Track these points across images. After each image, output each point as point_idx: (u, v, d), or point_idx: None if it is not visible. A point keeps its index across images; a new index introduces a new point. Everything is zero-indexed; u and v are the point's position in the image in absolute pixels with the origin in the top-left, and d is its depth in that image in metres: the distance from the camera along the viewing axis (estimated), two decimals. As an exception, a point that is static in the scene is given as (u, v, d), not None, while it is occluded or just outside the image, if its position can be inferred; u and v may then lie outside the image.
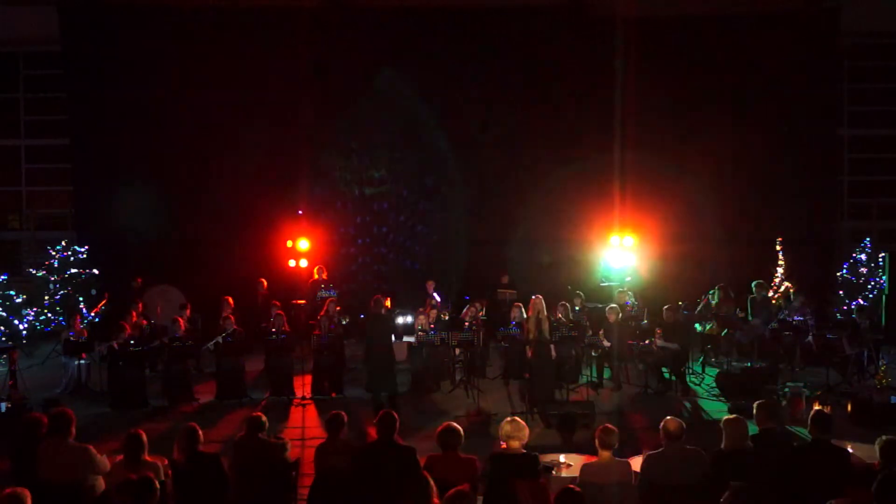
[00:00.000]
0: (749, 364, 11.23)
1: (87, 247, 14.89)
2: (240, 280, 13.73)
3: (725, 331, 11.96)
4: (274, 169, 15.34)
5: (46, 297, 14.45)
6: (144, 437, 5.69)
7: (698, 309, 12.66)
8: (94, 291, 14.64)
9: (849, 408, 9.33)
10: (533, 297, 10.26)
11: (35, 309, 14.30)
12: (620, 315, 11.44)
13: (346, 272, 15.28)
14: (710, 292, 12.81)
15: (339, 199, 15.63)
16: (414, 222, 15.73)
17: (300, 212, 13.92)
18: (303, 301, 13.08)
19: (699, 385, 11.30)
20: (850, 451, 5.92)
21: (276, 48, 15.05)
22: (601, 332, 11.21)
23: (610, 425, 5.66)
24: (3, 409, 9.12)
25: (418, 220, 15.74)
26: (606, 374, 11.39)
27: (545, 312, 10.09)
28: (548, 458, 6.30)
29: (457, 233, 15.57)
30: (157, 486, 4.75)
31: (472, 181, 15.61)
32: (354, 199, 15.66)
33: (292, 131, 15.34)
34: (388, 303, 10.93)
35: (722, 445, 5.70)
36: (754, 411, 6.14)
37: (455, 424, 5.71)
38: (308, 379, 10.95)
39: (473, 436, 8.11)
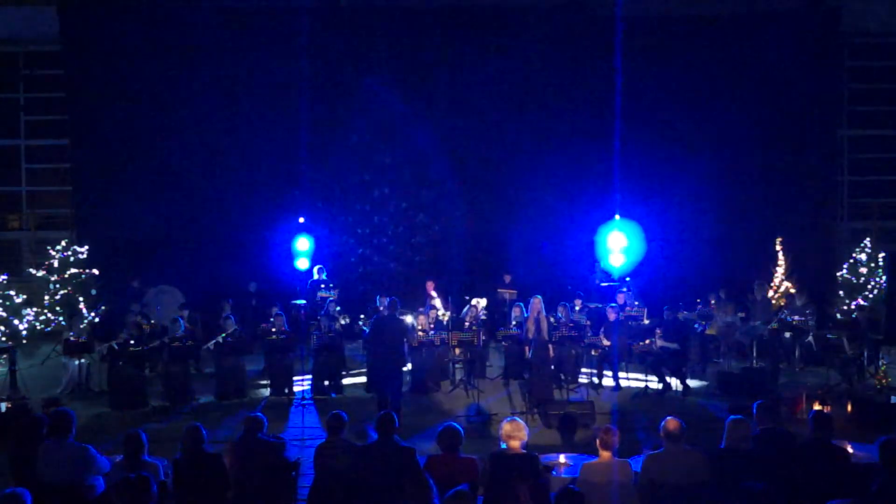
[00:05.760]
0: (749, 364, 11.23)
1: (87, 247, 14.89)
2: (240, 280, 13.72)
3: (726, 330, 11.98)
4: (274, 168, 15.34)
5: (46, 297, 14.44)
6: (144, 437, 5.69)
7: (698, 309, 12.66)
8: (94, 291, 14.64)
9: (849, 408, 9.33)
10: (533, 297, 10.29)
11: (35, 309, 14.29)
12: (621, 315, 11.45)
13: (346, 272, 15.30)
14: (711, 293, 12.83)
15: (340, 197, 15.64)
16: (414, 221, 15.72)
17: (301, 220, 13.92)
18: (303, 301, 13.07)
19: (699, 385, 11.29)
20: (850, 451, 5.92)
21: (277, 47, 15.04)
22: (601, 331, 11.21)
23: (610, 426, 5.67)
24: (3, 409, 9.11)
25: (418, 219, 15.73)
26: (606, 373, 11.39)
27: (544, 313, 10.11)
28: (548, 458, 6.30)
29: (457, 233, 15.58)
30: (156, 485, 4.75)
31: (473, 181, 15.62)
32: (355, 199, 15.66)
33: (293, 131, 15.34)
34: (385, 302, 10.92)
35: (722, 445, 5.71)
36: (754, 411, 6.13)
37: (455, 425, 5.71)
38: (308, 379, 10.95)
39: (473, 436, 8.14)
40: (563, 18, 15.23)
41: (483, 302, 12.21)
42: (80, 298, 14.35)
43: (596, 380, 11.29)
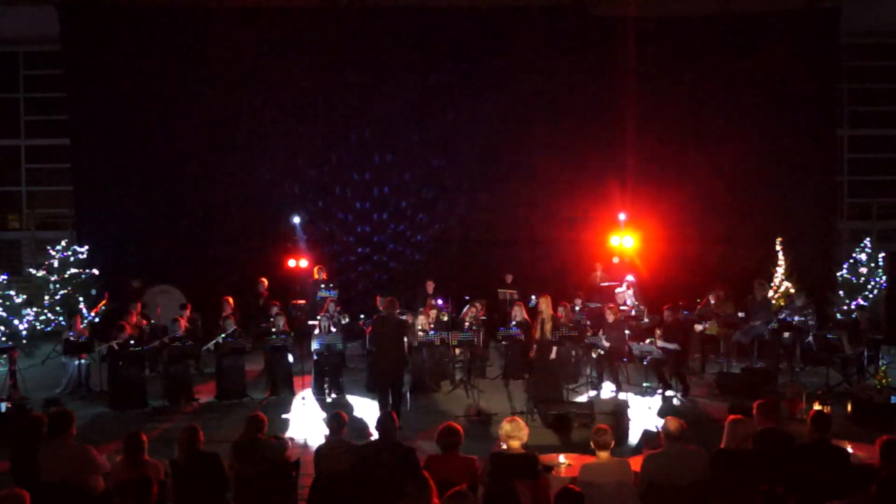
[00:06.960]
0: (749, 364, 11.21)
1: (87, 247, 14.89)
2: (240, 280, 13.72)
3: (725, 331, 11.97)
4: (275, 168, 15.35)
5: (46, 297, 14.43)
6: (144, 437, 5.69)
7: (698, 309, 12.65)
8: (94, 291, 14.64)
9: (849, 408, 9.33)
10: (540, 297, 10.27)
11: (35, 309, 14.28)
12: (621, 315, 11.43)
13: (346, 272, 15.29)
14: (711, 293, 12.82)
15: (340, 199, 15.64)
16: (415, 219, 15.72)
17: (297, 219, 13.96)
18: (303, 301, 13.07)
19: (699, 385, 11.28)
20: (850, 451, 5.92)
21: (276, 47, 15.05)
22: (601, 331, 11.21)
23: (603, 425, 5.66)
24: (3, 409, 9.11)
25: (419, 218, 15.73)
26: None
27: (549, 312, 10.11)
28: (548, 458, 6.30)
29: (457, 233, 15.57)
30: (156, 486, 4.74)
31: (473, 180, 15.62)
32: (355, 200, 15.66)
33: (293, 130, 15.35)
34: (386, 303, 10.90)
35: (722, 445, 5.70)
36: (754, 411, 6.13)
37: (455, 425, 5.71)
38: (308, 379, 10.95)
39: (473, 436, 8.13)
40: (568, 20, 15.21)
41: (477, 308, 12.16)
42: (81, 298, 14.34)
43: (596, 380, 11.28)
